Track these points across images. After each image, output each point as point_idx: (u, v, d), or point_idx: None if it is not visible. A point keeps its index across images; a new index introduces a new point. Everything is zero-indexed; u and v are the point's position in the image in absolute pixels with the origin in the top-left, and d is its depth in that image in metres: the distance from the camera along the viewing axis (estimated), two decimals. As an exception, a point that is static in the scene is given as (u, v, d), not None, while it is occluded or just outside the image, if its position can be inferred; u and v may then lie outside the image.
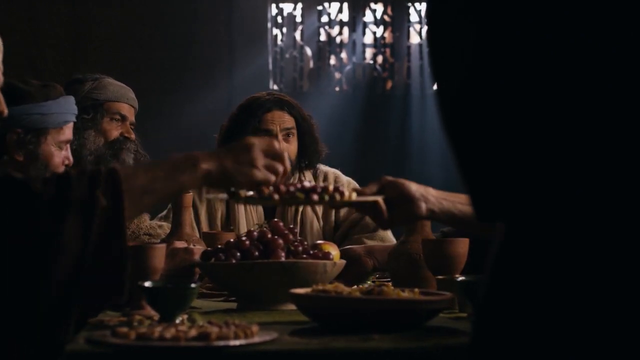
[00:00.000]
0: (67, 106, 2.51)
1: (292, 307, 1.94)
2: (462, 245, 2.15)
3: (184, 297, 1.77)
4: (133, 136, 2.96)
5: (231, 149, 1.62)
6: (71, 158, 2.57)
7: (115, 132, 2.91)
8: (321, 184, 2.33)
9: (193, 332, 1.52)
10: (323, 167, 3.27)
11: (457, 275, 2.05)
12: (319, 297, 1.73)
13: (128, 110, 2.97)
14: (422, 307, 1.72)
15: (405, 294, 1.77)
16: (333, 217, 3.16)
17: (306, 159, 3.17)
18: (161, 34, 5.68)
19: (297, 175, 3.17)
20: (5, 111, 1.48)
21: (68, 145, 2.58)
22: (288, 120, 3.11)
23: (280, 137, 3.06)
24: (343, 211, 3.14)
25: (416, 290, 1.82)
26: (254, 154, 1.60)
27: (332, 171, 3.27)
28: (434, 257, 2.14)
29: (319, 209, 3.15)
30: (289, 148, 3.09)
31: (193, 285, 1.79)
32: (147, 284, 1.80)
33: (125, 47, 5.65)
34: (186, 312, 1.85)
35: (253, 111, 3.09)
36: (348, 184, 3.19)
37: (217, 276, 2.16)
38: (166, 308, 1.76)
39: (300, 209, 3.12)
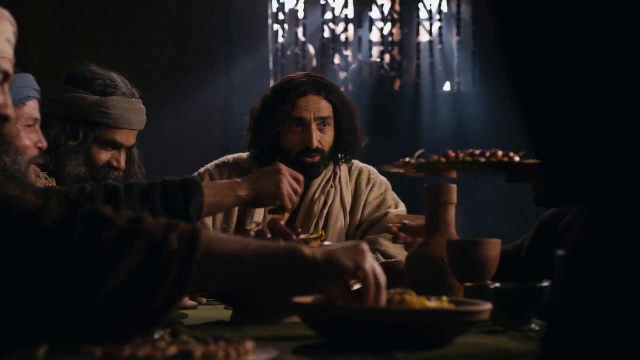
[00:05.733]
0: (26, 80, 2.26)
1: (296, 319, 1.75)
2: (494, 247, 1.90)
3: (165, 307, 1.49)
4: (123, 165, 2.63)
5: None
6: (45, 142, 2.30)
7: (104, 158, 2.61)
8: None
9: (172, 350, 1.30)
10: (358, 164, 3.13)
11: (488, 282, 1.79)
12: (327, 307, 1.50)
13: (126, 137, 2.64)
14: (454, 319, 1.45)
15: (432, 304, 1.51)
16: (359, 216, 3.03)
17: (343, 150, 2.99)
18: (155, 30, 5.67)
19: (332, 168, 3.02)
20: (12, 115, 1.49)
21: (38, 128, 2.31)
22: (325, 108, 2.93)
23: (314, 126, 2.88)
24: (368, 210, 3.02)
25: (444, 298, 1.55)
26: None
27: (366, 168, 3.13)
28: (460, 261, 1.91)
29: (348, 205, 3.02)
30: (324, 139, 2.94)
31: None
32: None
33: (117, 44, 5.67)
34: (169, 325, 1.60)
35: (286, 94, 2.92)
36: (380, 185, 3.05)
37: (207, 283, 1.90)
38: (142, 320, 1.48)
39: (329, 202, 2.99)
